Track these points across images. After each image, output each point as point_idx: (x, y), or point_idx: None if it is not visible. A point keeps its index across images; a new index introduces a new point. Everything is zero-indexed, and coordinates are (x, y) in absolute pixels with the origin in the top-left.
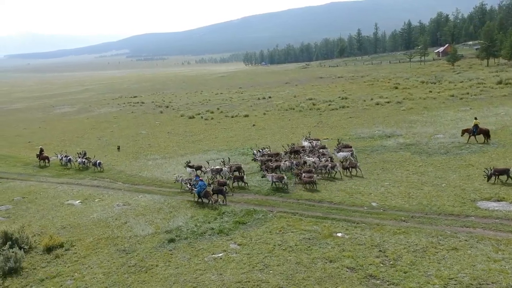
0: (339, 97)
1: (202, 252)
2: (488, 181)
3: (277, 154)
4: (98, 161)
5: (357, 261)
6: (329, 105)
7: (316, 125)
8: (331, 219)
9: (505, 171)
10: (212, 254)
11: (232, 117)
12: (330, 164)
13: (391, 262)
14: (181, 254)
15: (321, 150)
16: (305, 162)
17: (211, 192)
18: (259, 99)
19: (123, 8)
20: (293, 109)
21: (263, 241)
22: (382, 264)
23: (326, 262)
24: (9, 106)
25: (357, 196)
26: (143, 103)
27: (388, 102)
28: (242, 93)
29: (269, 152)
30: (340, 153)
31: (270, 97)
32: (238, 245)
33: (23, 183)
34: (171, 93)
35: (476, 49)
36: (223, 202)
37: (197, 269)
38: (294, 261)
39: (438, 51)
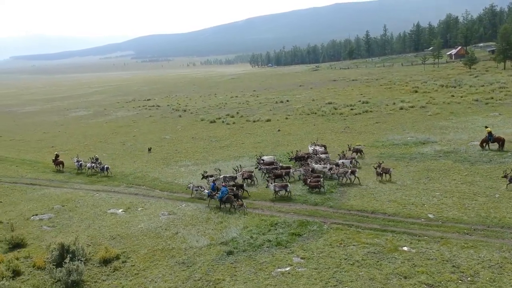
0: (359, 101)
1: (266, 266)
2: None
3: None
4: (106, 166)
5: (434, 278)
6: (351, 109)
7: (343, 130)
8: (390, 232)
9: None
10: (278, 268)
11: (254, 121)
12: (349, 170)
13: (469, 279)
14: (245, 267)
15: (322, 156)
16: (313, 169)
17: (233, 197)
18: (276, 102)
19: (128, 9)
20: (315, 113)
21: (327, 254)
22: (460, 280)
23: (401, 278)
24: (22, 109)
25: (410, 208)
26: (158, 106)
27: (412, 107)
28: (257, 97)
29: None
30: (340, 160)
31: (288, 101)
32: (302, 258)
33: (58, 190)
34: (184, 96)
35: (489, 51)
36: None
37: (267, 284)
38: (367, 277)
39: (450, 54)
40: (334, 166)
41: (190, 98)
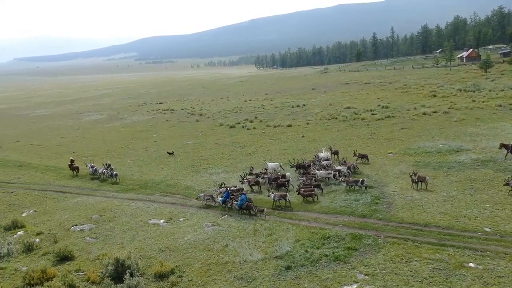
0: (379, 105)
1: (331, 283)
2: None
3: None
4: (114, 173)
5: None
6: (372, 114)
7: (369, 137)
8: (450, 247)
9: None
10: (344, 286)
11: (274, 127)
12: (360, 179)
13: None
14: (308, 284)
15: (324, 163)
16: (313, 176)
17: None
18: (293, 107)
19: (131, 11)
20: (336, 118)
21: (391, 271)
22: None
23: None
24: (33, 112)
25: (464, 220)
26: (173, 110)
27: (435, 112)
28: (271, 100)
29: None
30: (338, 167)
31: (304, 105)
32: (366, 275)
33: (90, 198)
34: (196, 99)
35: (501, 53)
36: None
37: None
38: None
39: (461, 56)
40: (336, 172)
41: (203, 102)
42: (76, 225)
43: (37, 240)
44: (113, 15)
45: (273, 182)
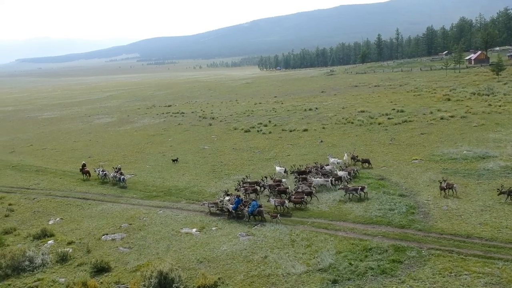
0: (393, 109)
1: None
2: None
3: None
4: (122, 177)
5: None
6: (388, 118)
7: (390, 142)
8: (498, 260)
9: None
10: None
11: (290, 131)
12: (359, 187)
13: None
14: None
15: (327, 168)
16: (310, 184)
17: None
18: (305, 110)
19: (133, 12)
20: (352, 122)
21: (442, 285)
22: None
23: None
24: (41, 115)
25: (506, 232)
26: (183, 113)
27: (452, 117)
28: (282, 103)
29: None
30: (339, 172)
31: (316, 108)
32: None
33: (116, 206)
34: (205, 102)
35: (509, 56)
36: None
37: None
38: None
39: (469, 58)
40: (331, 179)
41: (212, 105)
42: (107, 234)
43: (69, 249)
44: (114, 17)
45: (275, 189)
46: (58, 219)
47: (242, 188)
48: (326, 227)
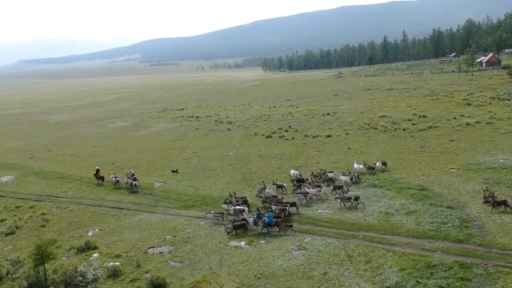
0: (415, 114)
1: None
2: None
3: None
4: (135, 183)
5: None
6: (412, 124)
7: (421, 149)
8: None
9: None
10: None
11: (313, 137)
12: (353, 196)
13: None
14: None
15: (330, 175)
16: (306, 193)
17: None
18: (323, 115)
19: (134, 13)
20: (375, 128)
21: None
22: None
23: None
24: (52, 118)
25: None
26: (198, 117)
27: (478, 123)
28: (297, 107)
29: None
30: (342, 177)
31: (334, 113)
32: None
33: (153, 216)
34: (217, 105)
35: None
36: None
37: None
38: None
39: (481, 61)
40: (321, 189)
41: (225, 108)
42: (153, 247)
43: (118, 263)
44: (116, 18)
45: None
46: (97, 230)
47: (234, 200)
48: (380, 242)
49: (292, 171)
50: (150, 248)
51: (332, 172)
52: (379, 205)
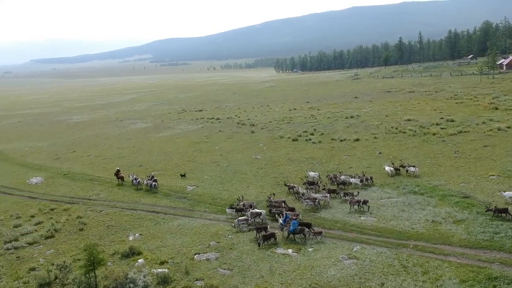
0: (441, 118)
1: None
2: None
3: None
4: (154, 184)
5: None
6: (441, 128)
7: (456, 155)
8: None
9: None
10: None
11: (341, 141)
12: (362, 199)
13: None
14: None
15: (342, 177)
16: (314, 199)
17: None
18: (347, 117)
19: (145, 14)
20: (404, 132)
21: None
22: None
23: None
24: (70, 118)
25: None
26: (218, 119)
27: (510, 127)
28: (318, 110)
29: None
30: (352, 179)
31: (358, 116)
32: None
33: (191, 220)
34: (235, 107)
35: None
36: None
37: None
38: None
39: (501, 63)
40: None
41: (245, 110)
42: (199, 254)
43: (166, 270)
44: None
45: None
46: (137, 234)
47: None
48: (432, 252)
49: (311, 173)
50: (196, 254)
51: (342, 176)
52: (424, 213)
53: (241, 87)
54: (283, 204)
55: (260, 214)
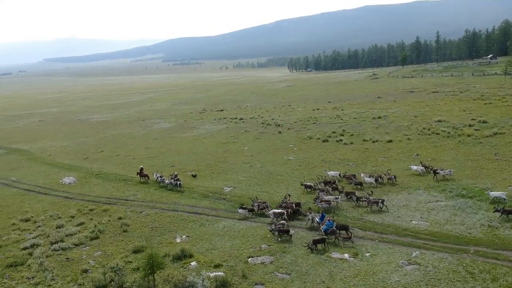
0: (473, 119)
1: None
2: None
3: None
4: (179, 183)
5: None
6: (475, 130)
7: (496, 158)
8: None
9: None
10: None
11: (373, 142)
12: (380, 200)
13: None
14: None
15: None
16: (329, 201)
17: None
18: (374, 118)
19: (157, 13)
20: (437, 134)
21: None
22: None
23: None
24: (91, 117)
25: None
26: (242, 119)
27: None
28: (342, 110)
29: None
30: (367, 178)
31: (385, 117)
32: None
33: (236, 223)
34: (256, 107)
35: None
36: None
37: None
38: None
39: None
40: (339, 197)
41: (266, 110)
42: (253, 257)
43: (221, 273)
44: (139, 17)
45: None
46: (184, 236)
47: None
48: (496, 258)
49: (331, 172)
50: (249, 257)
51: (355, 176)
52: (478, 217)
53: (257, 87)
54: (293, 206)
55: (283, 214)
